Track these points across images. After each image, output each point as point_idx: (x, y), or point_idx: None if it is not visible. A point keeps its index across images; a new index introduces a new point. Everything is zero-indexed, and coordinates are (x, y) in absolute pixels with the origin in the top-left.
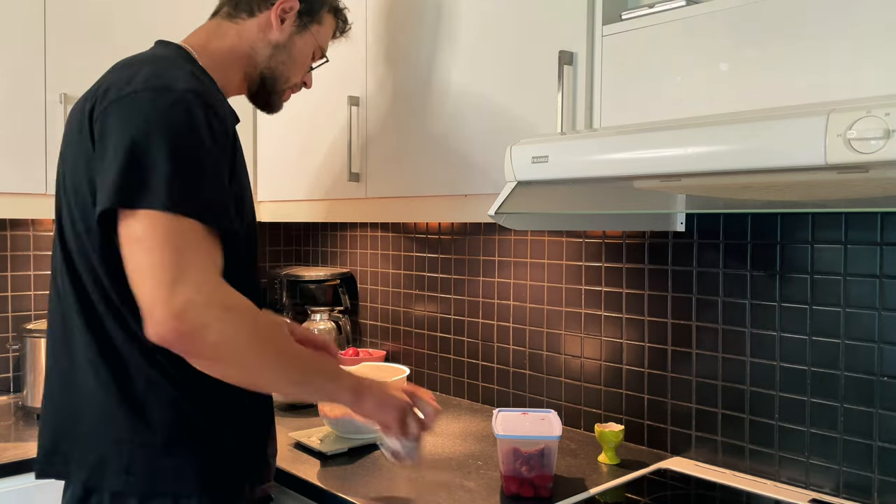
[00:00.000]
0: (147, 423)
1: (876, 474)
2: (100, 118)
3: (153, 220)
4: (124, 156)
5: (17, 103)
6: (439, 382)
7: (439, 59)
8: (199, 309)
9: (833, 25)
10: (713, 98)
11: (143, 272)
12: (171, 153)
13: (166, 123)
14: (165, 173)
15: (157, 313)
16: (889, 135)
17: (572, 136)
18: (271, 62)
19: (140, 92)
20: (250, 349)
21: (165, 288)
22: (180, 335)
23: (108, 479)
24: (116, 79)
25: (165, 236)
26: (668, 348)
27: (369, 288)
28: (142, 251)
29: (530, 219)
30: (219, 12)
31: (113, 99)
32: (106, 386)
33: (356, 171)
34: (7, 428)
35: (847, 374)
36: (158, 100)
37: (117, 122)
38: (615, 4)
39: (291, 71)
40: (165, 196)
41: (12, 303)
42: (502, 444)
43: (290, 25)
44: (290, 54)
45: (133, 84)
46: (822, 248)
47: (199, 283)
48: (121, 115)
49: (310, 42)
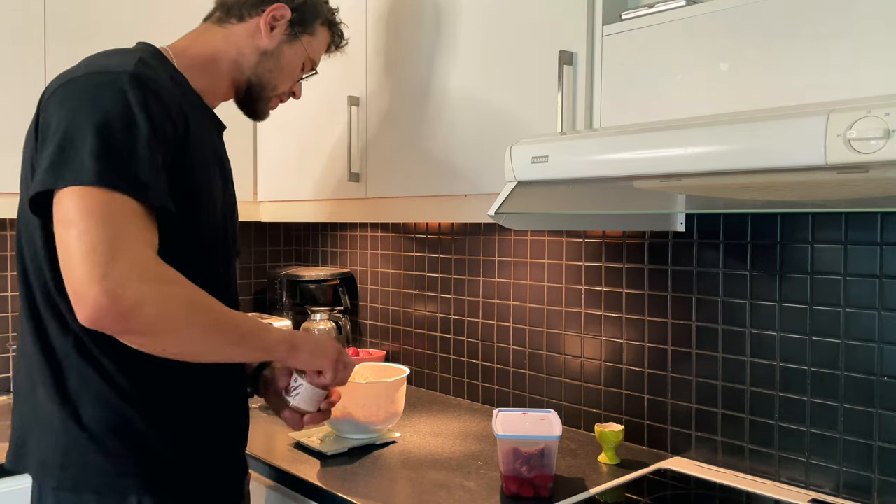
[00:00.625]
0: (78, 419)
1: (876, 474)
2: (43, 108)
3: (82, 195)
4: (56, 139)
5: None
6: (439, 382)
7: (439, 59)
8: (134, 285)
9: (833, 25)
10: (713, 98)
11: (74, 253)
12: (99, 130)
13: (96, 102)
14: (92, 149)
15: (90, 294)
16: (889, 135)
17: (572, 136)
18: (258, 69)
19: (80, 77)
20: (187, 319)
21: (98, 267)
22: (117, 314)
23: (49, 475)
24: (67, 71)
25: (94, 212)
26: (668, 348)
27: (369, 288)
28: (72, 231)
29: (530, 219)
30: (210, 17)
31: (56, 87)
32: (43, 381)
33: (356, 171)
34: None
35: (847, 374)
36: (91, 82)
37: (55, 110)
38: (615, 4)
39: (279, 79)
40: (93, 171)
41: (12, 303)
42: (502, 444)
43: (280, 34)
44: (278, 63)
45: (74, 72)
46: (822, 248)
47: (133, 259)
48: (58, 102)
49: (300, 52)
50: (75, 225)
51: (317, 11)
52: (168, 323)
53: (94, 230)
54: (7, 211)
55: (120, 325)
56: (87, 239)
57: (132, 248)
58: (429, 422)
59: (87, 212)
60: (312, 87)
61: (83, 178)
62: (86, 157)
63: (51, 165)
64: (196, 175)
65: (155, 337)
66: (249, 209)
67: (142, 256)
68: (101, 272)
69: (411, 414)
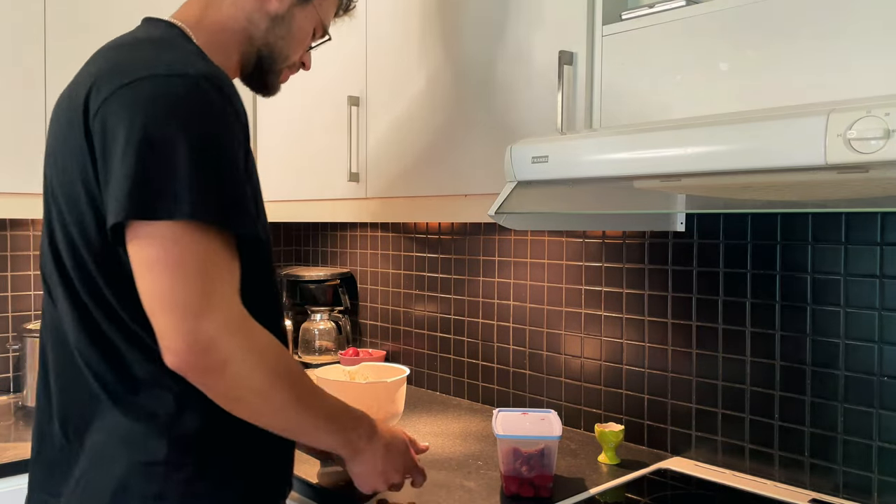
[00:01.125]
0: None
1: (876, 474)
2: (100, 112)
3: (173, 232)
4: (136, 158)
5: (17, 103)
6: (439, 382)
7: (439, 58)
8: (223, 346)
9: (833, 25)
10: (713, 98)
11: (162, 296)
12: (191, 151)
13: (183, 115)
14: (187, 176)
15: (177, 344)
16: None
17: (572, 136)
18: (269, 37)
19: (146, 79)
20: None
21: (188, 318)
22: (200, 370)
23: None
24: (114, 66)
25: (187, 253)
26: (668, 348)
27: (369, 288)
28: (159, 271)
29: (530, 219)
30: None
31: (115, 89)
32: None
33: (356, 171)
34: (7, 428)
35: (847, 374)
36: (170, 88)
37: (123, 117)
38: (615, 4)
39: (291, 48)
40: (188, 203)
41: (12, 303)
42: (502, 444)
43: None
44: (290, 29)
45: (134, 71)
46: (822, 248)
47: (225, 314)
48: (127, 108)
49: (311, 16)
50: (163, 268)
51: None
52: (248, 391)
53: (185, 276)
54: (7, 211)
55: (202, 380)
56: (176, 283)
57: (224, 299)
58: (429, 422)
59: (176, 251)
60: (312, 87)
61: (176, 213)
62: (178, 185)
63: (132, 193)
64: (256, 178)
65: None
66: None
67: (232, 311)
68: (191, 324)
69: (411, 414)
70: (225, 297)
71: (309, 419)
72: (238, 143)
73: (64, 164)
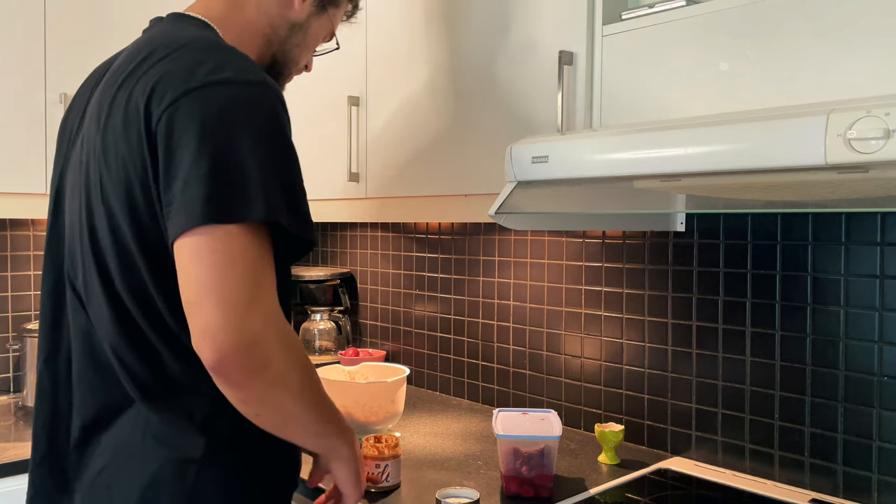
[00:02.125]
0: (222, 442)
1: (876, 474)
2: (165, 117)
3: (232, 231)
4: (210, 163)
5: (17, 103)
6: (439, 382)
7: (439, 58)
8: (266, 344)
9: (833, 25)
10: (713, 98)
11: (211, 289)
12: (262, 156)
13: (253, 122)
14: (259, 180)
15: (223, 337)
16: (889, 135)
17: (572, 136)
18: (287, 43)
19: (215, 85)
20: (294, 397)
21: (238, 313)
22: (243, 367)
23: None
24: (176, 65)
25: (244, 251)
26: (668, 348)
27: (369, 288)
28: (213, 264)
29: (530, 219)
30: None
31: (180, 94)
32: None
33: (356, 171)
34: (7, 428)
35: (847, 374)
36: (239, 95)
37: (193, 122)
38: (615, 4)
39: (302, 53)
40: (262, 205)
41: (12, 303)
42: (502, 444)
43: (311, 5)
44: (305, 36)
45: (199, 75)
46: (822, 248)
47: (270, 311)
48: (196, 113)
49: (325, 25)
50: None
51: None
52: (280, 392)
53: (239, 272)
54: (7, 211)
55: (239, 378)
56: (229, 280)
57: (269, 298)
58: (429, 422)
59: (233, 250)
60: (312, 87)
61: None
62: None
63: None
64: None
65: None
66: None
67: (275, 309)
68: (240, 322)
69: (411, 414)
70: (269, 297)
71: (323, 423)
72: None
73: (119, 165)
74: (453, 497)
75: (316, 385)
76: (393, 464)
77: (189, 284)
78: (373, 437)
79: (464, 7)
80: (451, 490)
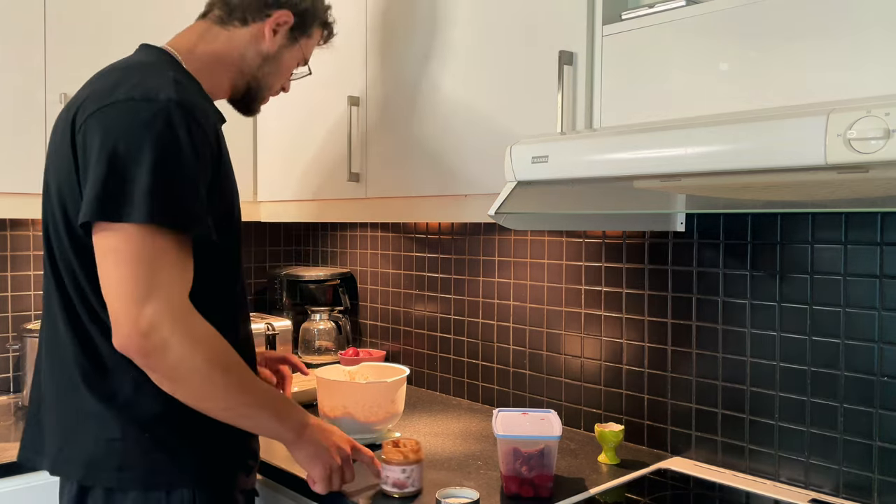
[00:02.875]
0: (137, 422)
1: (876, 474)
2: (82, 128)
3: (129, 232)
4: (105, 168)
5: (17, 103)
6: (439, 382)
7: (439, 58)
8: (162, 330)
9: (833, 25)
10: (713, 98)
11: (114, 285)
12: (152, 166)
13: (148, 135)
14: (145, 186)
15: (123, 327)
16: (889, 135)
17: (572, 136)
18: (259, 72)
19: (122, 102)
20: (202, 377)
21: (134, 304)
22: (142, 351)
23: (101, 477)
24: (99, 88)
25: (139, 250)
26: (668, 348)
27: (369, 288)
28: (115, 263)
29: (530, 219)
30: (208, 14)
31: (95, 109)
32: (91, 385)
33: (356, 171)
34: (7, 428)
35: (847, 374)
36: (140, 111)
37: (99, 133)
38: (615, 4)
39: (276, 80)
40: (145, 209)
41: (12, 303)
42: (502, 444)
43: (282, 38)
44: (278, 66)
45: (115, 94)
46: (822, 248)
47: (167, 303)
48: (102, 126)
49: (297, 54)
50: (118, 261)
51: (315, 15)
52: (186, 373)
53: (135, 266)
54: (7, 211)
55: (143, 361)
56: (126, 274)
57: (168, 292)
58: (429, 422)
59: (130, 248)
60: (313, 87)
61: (134, 216)
62: (137, 193)
63: (99, 196)
64: (228, 194)
65: (170, 381)
66: (249, 209)
67: (174, 302)
68: (135, 310)
69: (411, 414)
70: (168, 289)
71: (245, 405)
72: (201, 163)
73: (57, 172)
74: (453, 497)
75: (230, 369)
76: (417, 468)
77: (101, 280)
78: (391, 442)
79: (463, 7)
80: (451, 490)
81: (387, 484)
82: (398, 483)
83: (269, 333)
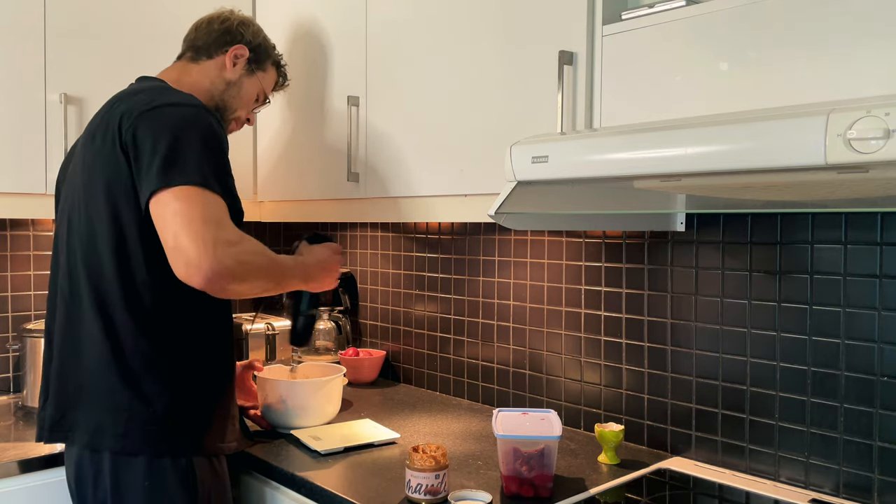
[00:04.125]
0: (142, 395)
1: (876, 474)
2: (131, 129)
3: (188, 193)
4: (165, 150)
5: (17, 103)
6: (439, 382)
7: (439, 58)
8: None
9: (833, 25)
10: (713, 98)
11: (186, 234)
12: (203, 147)
13: (193, 125)
14: (199, 160)
15: (205, 265)
16: (889, 135)
17: (572, 136)
18: (224, 95)
19: (164, 106)
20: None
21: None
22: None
23: (106, 441)
24: (134, 102)
25: (202, 205)
26: (668, 348)
27: (369, 288)
28: (183, 218)
29: (530, 219)
30: (182, 56)
31: (140, 112)
32: (102, 358)
33: (356, 171)
34: (7, 428)
35: (847, 374)
36: (181, 110)
37: (151, 127)
38: (615, 4)
39: (238, 104)
40: (200, 176)
41: (12, 303)
42: (502, 444)
43: (241, 68)
44: (240, 91)
45: (153, 103)
46: (822, 248)
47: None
48: (153, 122)
49: (255, 84)
50: (186, 213)
51: (267, 53)
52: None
53: (202, 217)
54: (7, 211)
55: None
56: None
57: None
58: (429, 422)
59: (194, 204)
60: (313, 87)
61: (193, 180)
62: (194, 165)
63: (162, 170)
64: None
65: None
66: (249, 209)
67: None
68: (212, 249)
69: (411, 414)
70: (228, 227)
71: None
72: (226, 151)
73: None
74: (466, 500)
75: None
76: (447, 473)
77: (168, 237)
78: (413, 448)
79: (464, 7)
80: (463, 493)
81: (419, 492)
82: (432, 490)
83: (269, 333)
